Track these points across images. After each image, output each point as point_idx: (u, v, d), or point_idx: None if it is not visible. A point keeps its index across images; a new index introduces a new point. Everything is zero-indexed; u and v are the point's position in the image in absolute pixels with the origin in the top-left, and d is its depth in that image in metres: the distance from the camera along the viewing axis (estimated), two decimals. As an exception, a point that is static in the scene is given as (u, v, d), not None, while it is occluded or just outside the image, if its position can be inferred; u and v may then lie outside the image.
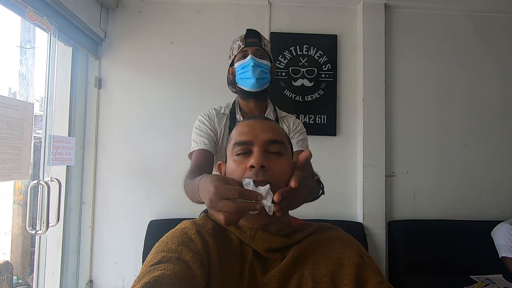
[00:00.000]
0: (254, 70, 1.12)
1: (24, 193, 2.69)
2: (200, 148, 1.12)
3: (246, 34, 1.19)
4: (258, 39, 1.18)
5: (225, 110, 1.22)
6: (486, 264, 1.88)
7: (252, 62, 1.12)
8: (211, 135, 1.15)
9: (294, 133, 1.23)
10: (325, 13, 2.19)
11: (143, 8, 2.14)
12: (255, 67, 1.13)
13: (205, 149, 1.12)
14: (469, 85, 2.22)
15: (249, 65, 1.13)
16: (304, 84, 2.14)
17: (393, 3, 2.17)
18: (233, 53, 1.20)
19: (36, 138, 2.30)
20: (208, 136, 1.15)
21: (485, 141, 2.20)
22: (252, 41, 1.17)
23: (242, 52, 1.16)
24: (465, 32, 2.25)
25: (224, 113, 1.21)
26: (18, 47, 2.62)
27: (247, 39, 1.17)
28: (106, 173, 2.07)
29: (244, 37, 1.18)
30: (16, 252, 2.80)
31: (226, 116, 1.20)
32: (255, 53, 1.15)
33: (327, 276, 0.56)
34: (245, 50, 1.16)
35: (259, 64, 1.13)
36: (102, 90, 2.10)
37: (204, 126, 1.17)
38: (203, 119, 1.19)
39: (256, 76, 1.13)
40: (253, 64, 1.12)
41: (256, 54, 1.15)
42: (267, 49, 1.19)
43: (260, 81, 1.14)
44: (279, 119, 1.24)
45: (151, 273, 0.49)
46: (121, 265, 2.03)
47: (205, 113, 1.21)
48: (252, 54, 1.14)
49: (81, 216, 2.05)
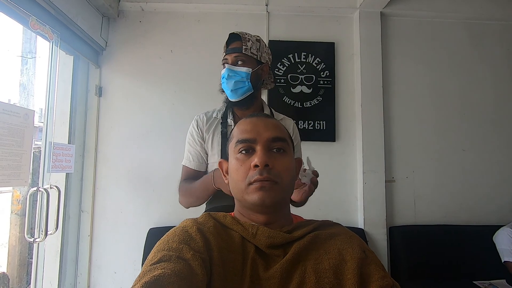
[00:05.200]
0: (228, 82, 1.09)
1: (22, 203, 2.66)
2: (184, 164, 1.20)
3: (227, 39, 1.14)
4: (239, 44, 1.11)
5: (217, 114, 1.20)
6: (489, 269, 1.86)
7: (226, 73, 1.09)
8: (197, 149, 1.17)
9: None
10: (322, 21, 2.24)
11: (143, 17, 2.18)
12: (229, 79, 1.09)
13: (187, 167, 1.18)
14: (465, 90, 2.25)
15: (223, 77, 1.11)
16: (303, 90, 2.16)
17: (389, 11, 2.22)
18: (222, 62, 1.17)
19: (35, 148, 2.30)
20: (194, 151, 1.17)
21: (483, 145, 2.21)
22: (232, 47, 1.12)
23: (224, 60, 1.14)
24: (459, 39, 2.29)
25: (216, 117, 1.19)
26: (19, 57, 2.64)
27: (229, 46, 1.13)
28: (105, 181, 2.06)
29: (226, 43, 1.14)
30: (12, 264, 2.75)
31: (218, 120, 1.18)
32: (233, 61, 1.10)
33: (330, 272, 0.55)
34: (226, 58, 1.13)
35: (234, 74, 1.09)
36: (102, 98, 2.11)
37: (192, 139, 1.18)
38: (192, 129, 1.19)
39: (231, 87, 1.09)
40: (227, 75, 1.09)
41: (235, 61, 1.10)
42: (251, 52, 1.11)
43: (236, 91, 1.10)
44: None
45: (152, 272, 0.49)
46: (120, 275, 2.00)
47: (195, 121, 1.20)
48: (231, 62, 1.10)
49: (80, 225, 2.03)
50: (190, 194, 1.12)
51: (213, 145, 1.15)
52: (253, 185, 0.62)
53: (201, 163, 1.17)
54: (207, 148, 1.17)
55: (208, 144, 1.16)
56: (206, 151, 1.17)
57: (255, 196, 0.61)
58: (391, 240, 2.04)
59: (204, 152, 1.17)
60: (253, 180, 0.62)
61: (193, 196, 1.11)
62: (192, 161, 1.17)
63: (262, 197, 0.61)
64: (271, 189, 0.61)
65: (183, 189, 1.15)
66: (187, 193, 1.13)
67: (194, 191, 1.10)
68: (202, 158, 1.17)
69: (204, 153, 1.17)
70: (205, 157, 1.18)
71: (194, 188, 1.09)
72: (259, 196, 0.61)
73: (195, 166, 1.17)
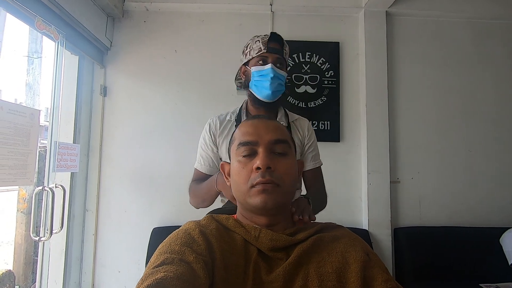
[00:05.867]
0: (272, 82, 1.06)
1: (28, 201, 2.69)
2: (196, 167, 1.18)
3: (269, 37, 1.09)
4: (280, 46, 1.10)
5: (231, 117, 1.17)
6: (495, 271, 1.84)
7: (271, 73, 1.05)
8: (209, 153, 1.15)
9: (307, 144, 1.19)
10: (327, 21, 2.22)
11: (148, 17, 2.19)
12: (274, 79, 1.06)
13: (198, 170, 1.17)
14: (470, 90, 2.22)
15: (268, 75, 1.06)
16: (307, 90, 2.15)
17: (394, 10, 2.20)
18: (250, 53, 1.11)
19: (41, 147, 2.32)
20: (205, 156, 1.16)
21: (489, 146, 2.18)
22: (274, 47, 1.08)
23: (262, 57, 1.08)
24: (463, 39, 2.27)
25: (230, 120, 1.16)
26: (26, 57, 2.67)
27: (270, 44, 1.08)
28: (110, 180, 2.07)
29: (267, 40, 1.08)
30: (18, 261, 2.78)
31: (232, 123, 1.15)
32: (275, 62, 1.07)
33: (333, 275, 0.55)
34: (266, 56, 1.08)
35: (278, 76, 1.07)
36: (107, 98, 2.12)
37: (204, 144, 1.16)
38: (205, 134, 1.17)
39: (273, 88, 1.07)
40: (273, 75, 1.05)
41: (276, 63, 1.08)
42: (286, 57, 1.14)
43: (275, 93, 1.09)
44: (291, 123, 1.18)
45: (154, 275, 0.48)
46: (124, 274, 2.01)
47: (207, 125, 1.18)
48: (272, 62, 1.06)
49: (85, 224, 2.05)
50: (196, 195, 1.12)
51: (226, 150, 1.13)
52: (255, 188, 0.62)
53: (211, 167, 1.15)
54: (221, 153, 1.14)
55: (222, 148, 1.13)
56: (218, 155, 1.15)
57: (257, 199, 0.61)
58: (395, 242, 2.02)
59: (216, 157, 1.15)
60: (255, 183, 0.61)
61: (199, 197, 1.11)
62: (203, 165, 1.16)
63: (264, 200, 0.61)
64: (273, 191, 0.61)
65: (191, 189, 1.15)
66: (194, 194, 1.13)
67: (199, 192, 1.10)
68: (213, 163, 1.15)
69: (215, 158, 1.15)
70: (216, 161, 1.15)
71: (200, 189, 1.10)
72: (262, 199, 0.61)
73: (205, 170, 1.15)
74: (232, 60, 2.16)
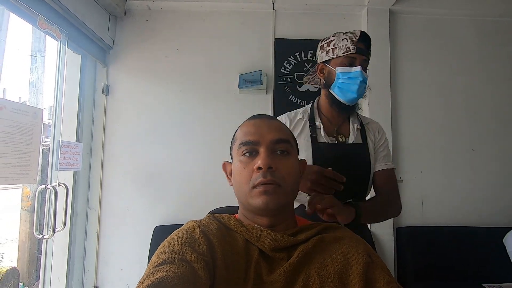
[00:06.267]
0: (360, 86, 1.00)
1: (32, 199, 2.71)
2: None
3: (360, 37, 1.01)
4: (367, 47, 1.03)
5: (303, 116, 1.11)
6: (498, 271, 1.83)
7: (360, 76, 0.99)
8: None
9: (379, 145, 1.13)
10: (330, 19, 2.21)
11: (150, 16, 2.19)
12: (362, 83, 1.00)
13: None
14: (474, 89, 2.20)
15: (356, 78, 0.99)
16: (309, 89, 2.14)
17: (397, 8, 2.18)
18: (335, 52, 1.03)
19: (44, 145, 2.33)
20: None
21: (493, 145, 2.16)
22: (363, 49, 1.01)
23: (350, 58, 1.01)
24: (468, 37, 2.24)
25: (301, 119, 1.10)
26: (29, 56, 2.68)
27: (359, 44, 1.01)
28: (112, 178, 2.08)
29: (357, 40, 1.01)
30: (22, 259, 2.81)
31: (304, 122, 1.09)
32: (362, 64, 1.01)
33: (335, 276, 0.55)
34: (354, 57, 1.01)
35: (365, 80, 1.01)
36: (109, 97, 2.13)
37: None
38: None
39: (360, 92, 1.01)
40: (362, 79, 0.99)
41: (363, 65, 1.02)
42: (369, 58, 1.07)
43: (359, 97, 1.03)
44: (365, 126, 1.13)
45: (154, 274, 0.48)
46: (126, 272, 2.02)
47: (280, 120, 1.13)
48: (360, 65, 1.00)
49: (87, 222, 2.06)
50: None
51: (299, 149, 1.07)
52: (257, 188, 0.61)
53: None
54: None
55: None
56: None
57: (258, 200, 0.61)
58: (398, 241, 2.02)
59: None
60: (256, 183, 0.61)
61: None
62: None
63: (265, 201, 0.60)
64: (275, 192, 0.61)
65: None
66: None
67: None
68: None
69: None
70: None
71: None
72: (263, 200, 0.60)
73: None
74: (234, 59, 2.17)
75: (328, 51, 1.06)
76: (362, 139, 1.10)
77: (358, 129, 1.10)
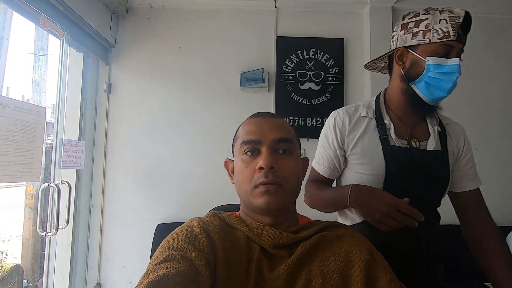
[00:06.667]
0: (455, 84, 0.83)
1: (35, 197, 2.73)
2: (314, 166, 1.01)
3: (463, 19, 0.82)
4: (467, 34, 0.86)
5: (367, 113, 0.93)
6: (501, 270, 1.81)
7: (458, 72, 0.82)
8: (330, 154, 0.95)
9: (465, 157, 0.98)
10: (332, 17, 2.20)
11: (152, 15, 2.19)
12: (456, 79, 0.83)
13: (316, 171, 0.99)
14: (477, 87, 2.18)
15: (453, 74, 0.82)
16: (311, 87, 2.14)
17: (400, 6, 2.16)
18: (428, 36, 0.82)
19: (47, 143, 2.35)
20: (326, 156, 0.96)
21: (497, 144, 2.15)
22: (462, 36, 0.83)
23: (447, 46, 0.81)
24: (472, 35, 2.19)
25: (365, 116, 0.93)
26: (32, 54, 2.70)
27: (460, 30, 0.82)
28: (114, 176, 2.09)
29: (461, 25, 0.82)
30: (26, 256, 2.83)
31: (368, 120, 0.92)
32: (458, 54, 0.83)
33: (336, 273, 0.55)
34: (452, 45, 0.81)
35: (459, 73, 0.83)
36: (111, 95, 2.14)
37: (326, 142, 0.96)
38: (328, 131, 0.95)
39: (451, 91, 0.85)
40: (458, 75, 0.82)
41: (459, 56, 0.83)
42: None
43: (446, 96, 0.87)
44: (444, 127, 0.97)
45: (156, 272, 0.49)
46: (129, 269, 2.03)
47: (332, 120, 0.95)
48: (457, 56, 0.82)
49: (90, 219, 2.07)
50: (317, 199, 0.96)
51: (363, 151, 0.89)
52: (259, 188, 0.61)
53: (332, 170, 0.96)
54: (348, 155, 0.92)
55: (354, 149, 0.91)
56: (342, 158, 0.94)
57: (260, 200, 0.61)
58: (400, 240, 2.01)
59: (339, 160, 0.94)
60: (258, 183, 0.61)
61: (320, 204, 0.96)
62: (321, 166, 0.97)
63: (267, 202, 0.60)
64: (277, 192, 0.61)
65: (310, 191, 0.98)
66: (313, 197, 0.96)
67: (322, 199, 0.95)
68: (335, 166, 0.95)
69: (338, 160, 0.94)
70: (338, 165, 0.95)
71: (323, 196, 0.94)
72: (265, 200, 0.60)
73: (324, 172, 0.97)
74: (236, 57, 2.16)
75: (415, 34, 0.84)
76: (442, 145, 0.92)
77: (438, 132, 0.93)
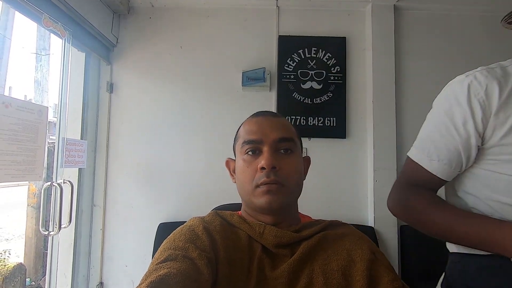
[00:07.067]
0: None
1: (38, 196, 2.74)
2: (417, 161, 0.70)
3: None
4: None
5: None
6: (504, 270, 1.80)
7: None
8: (456, 142, 0.65)
9: None
10: (333, 16, 2.19)
11: (153, 14, 2.19)
12: None
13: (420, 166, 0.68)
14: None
15: None
16: (313, 86, 2.13)
17: (402, 4, 2.15)
18: None
19: (50, 143, 2.36)
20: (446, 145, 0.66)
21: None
22: None
23: None
24: (475, 33, 2.20)
25: None
26: (34, 54, 2.71)
27: None
28: (117, 176, 2.09)
29: None
30: (29, 255, 2.85)
31: None
32: None
33: (338, 272, 0.55)
34: None
35: None
36: (113, 94, 2.14)
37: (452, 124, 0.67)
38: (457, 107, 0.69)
39: None
40: None
41: None
42: None
43: None
44: None
45: (157, 271, 0.49)
46: (131, 268, 2.04)
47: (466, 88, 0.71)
48: None
49: (92, 219, 2.08)
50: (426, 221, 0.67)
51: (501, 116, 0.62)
52: (260, 188, 0.61)
53: (453, 168, 0.66)
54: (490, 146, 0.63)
55: (507, 137, 0.61)
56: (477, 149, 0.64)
57: (262, 199, 0.61)
58: (402, 239, 2.00)
59: (473, 152, 0.64)
60: (260, 183, 0.61)
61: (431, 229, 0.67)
62: (436, 162, 0.67)
63: (269, 201, 0.60)
64: (278, 192, 0.61)
65: (410, 201, 0.70)
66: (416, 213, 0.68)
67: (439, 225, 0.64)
68: (459, 162, 0.66)
69: (469, 153, 0.65)
70: (467, 160, 0.66)
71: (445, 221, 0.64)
72: (266, 200, 0.60)
73: (441, 171, 0.67)
74: (237, 56, 2.16)
75: None
76: None
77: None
